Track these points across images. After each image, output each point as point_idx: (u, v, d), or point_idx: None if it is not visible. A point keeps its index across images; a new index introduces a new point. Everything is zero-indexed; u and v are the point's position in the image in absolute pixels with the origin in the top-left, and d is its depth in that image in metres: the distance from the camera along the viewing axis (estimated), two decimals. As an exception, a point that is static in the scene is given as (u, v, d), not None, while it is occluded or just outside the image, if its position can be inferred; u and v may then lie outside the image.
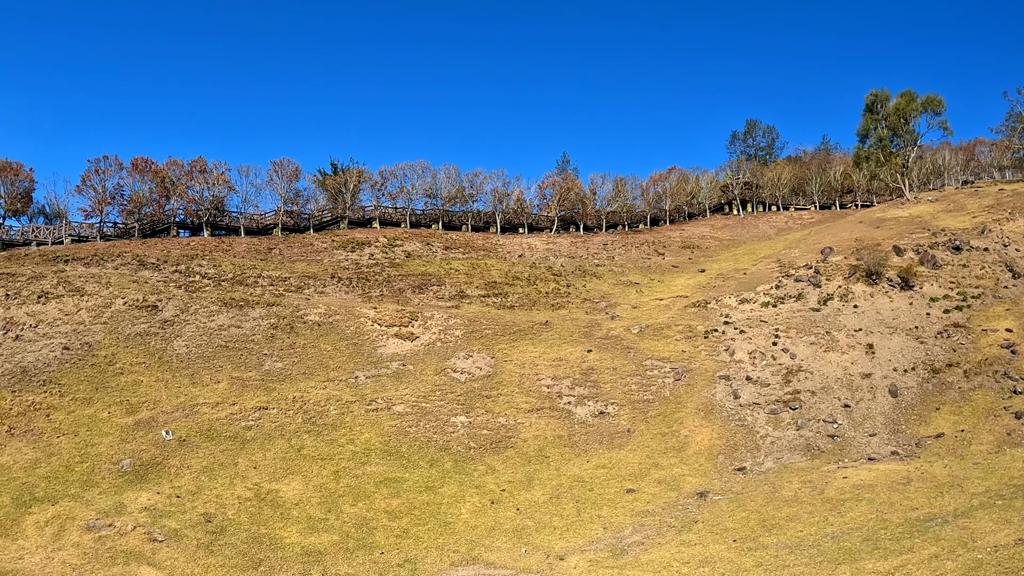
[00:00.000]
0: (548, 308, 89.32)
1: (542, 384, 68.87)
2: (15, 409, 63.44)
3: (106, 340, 75.23)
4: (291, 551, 44.27)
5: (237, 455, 56.66)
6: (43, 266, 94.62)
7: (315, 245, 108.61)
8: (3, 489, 51.25)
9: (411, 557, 43.42)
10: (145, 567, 41.43)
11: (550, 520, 48.69)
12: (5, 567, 41.20)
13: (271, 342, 75.62)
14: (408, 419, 62.50)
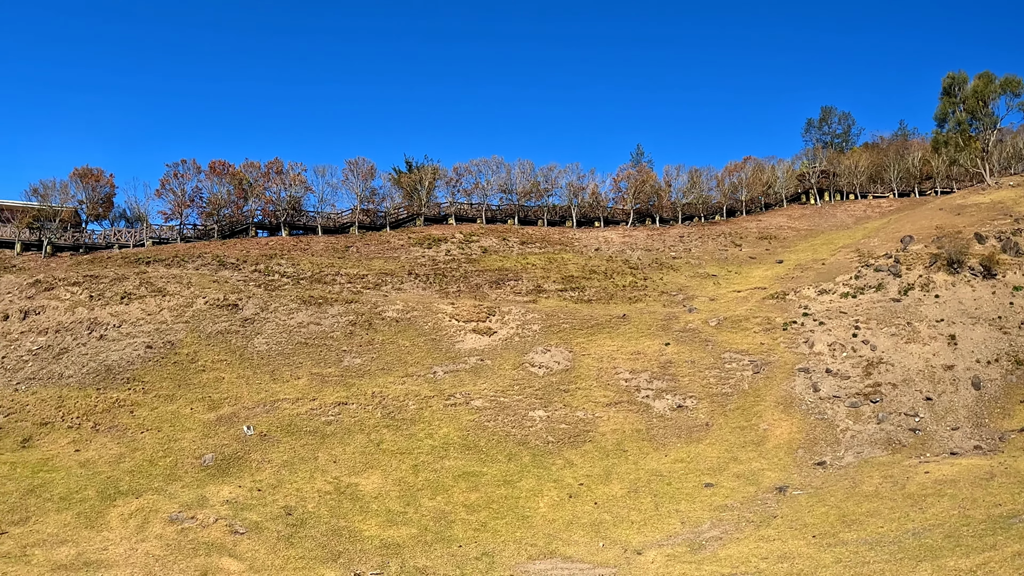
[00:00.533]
0: (625, 301, 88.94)
1: (620, 378, 68.58)
2: (100, 406, 65.18)
3: (188, 338, 76.73)
4: (370, 544, 44.65)
5: (317, 449, 57.46)
6: (125, 268, 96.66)
7: (392, 242, 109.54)
8: (89, 483, 52.55)
9: (489, 550, 43.46)
10: (226, 558, 42.07)
11: (628, 514, 48.40)
12: (91, 557, 42.05)
13: (350, 339, 76.47)
14: (486, 413, 62.79)
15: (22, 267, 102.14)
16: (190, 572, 40.29)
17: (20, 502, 49.50)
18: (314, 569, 41.24)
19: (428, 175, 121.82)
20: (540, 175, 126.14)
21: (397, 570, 41.17)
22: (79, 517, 47.45)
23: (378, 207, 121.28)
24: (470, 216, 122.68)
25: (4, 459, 57.27)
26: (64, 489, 51.49)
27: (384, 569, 41.35)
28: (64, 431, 61.67)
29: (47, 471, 54.86)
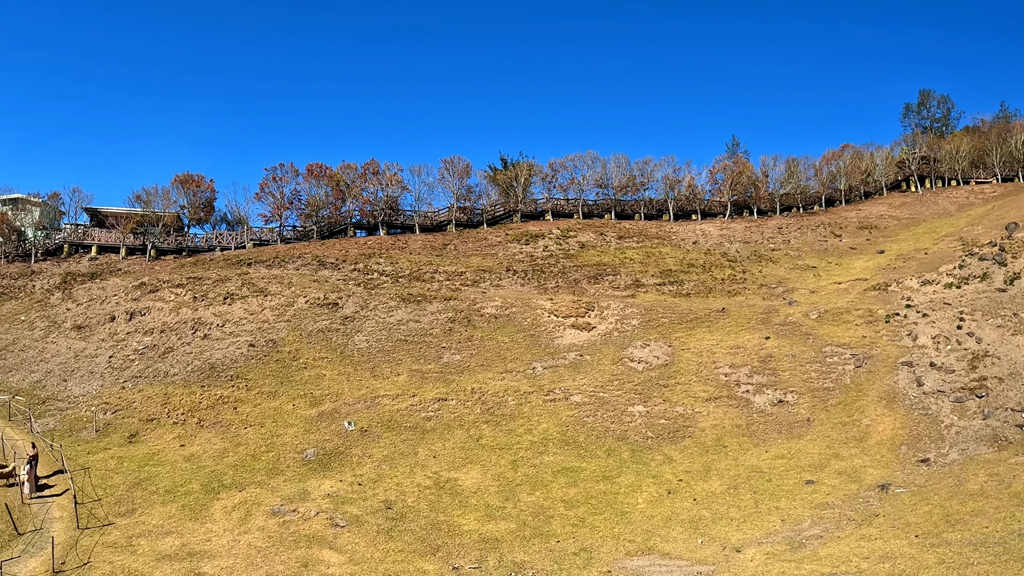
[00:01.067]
0: (724, 295, 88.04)
1: (720, 372, 67.85)
2: (204, 403, 66.98)
3: (289, 337, 78.16)
4: (468, 538, 44.80)
5: (417, 445, 57.98)
6: (227, 269, 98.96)
7: (489, 239, 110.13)
8: (193, 477, 53.94)
9: (587, 546, 43.25)
10: (327, 551, 42.68)
11: (727, 511, 47.68)
12: (194, 548, 43.13)
13: (449, 335, 77.13)
14: (586, 409, 62.58)
15: (127, 271, 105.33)
16: (291, 564, 41.03)
17: (127, 495, 51.13)
18: (413, 562, 41.57)
19: (524, 171, 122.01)
20: (636, 168, 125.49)
21: (495, 564, 41.28)
22: (183, 509, 48.74)
23: (474, 204, 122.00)
24: (566, 211, 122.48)
25: (112, 454, 59.14)
26: (169, 482, 52.96)
27: (482, 563, 41.48)
28: (169, 427, 63.53)
29: (153, 465, 56.49)
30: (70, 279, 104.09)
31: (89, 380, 75.85)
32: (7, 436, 61.43)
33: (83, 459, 57.92)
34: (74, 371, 78.46)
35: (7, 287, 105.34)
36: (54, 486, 52.91)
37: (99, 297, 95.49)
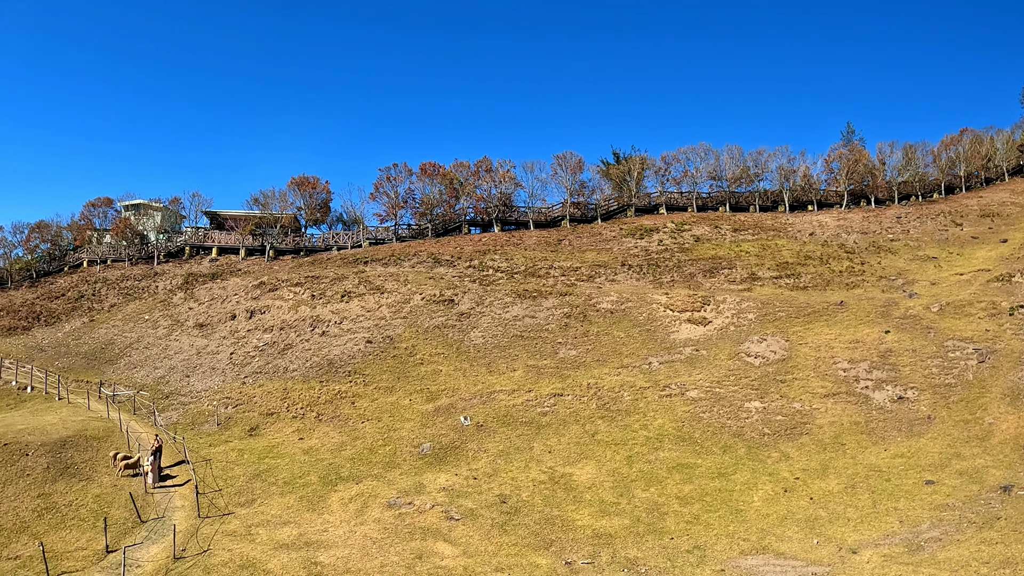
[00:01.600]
0: (842, 287, 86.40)
1: (838, 368, 66.63)
2: (323, 397, 68.55)
3: (406, 333, 79.31)
4: (582, 533, 44.79)
5: (532, 440, 58.24)
6: (344, 268, 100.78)
7: (603, 234, 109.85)
8: (311, 469, 55.25)
9: (700, 544, 42.84)
10: (441, 543, 43.26)
11: (844, 511, 46.53)
12: (311, 538, 44.22)
13: (564, 331, 77.39)
14: (701, 405, 62.05)
15: (247, 271, 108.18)
16: (405, 555, 41.70)
17: (247, 485, 52.77)
18: (526, 556, 41.78)
19: (636, 165, 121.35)
20: (749, 159, 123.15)
21: (608, 560, 41.22)
22: (301, 500, 50.02)
23: (587, 199, 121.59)
24: (680, 205, 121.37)
25: (232, 446, 61.12)
26: (288, 474, 54.39)
27: (595, 559, 41.45)
28: (289, 420, 65.15)
29: (272, 457, 58.08)
30: (192, 279, 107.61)
31: (211, 376, 78.36)
32: (132, 429, 63.73)
33: (205, 451, 60.08)
34: (196, 367, 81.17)
35: (132, 288, 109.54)
36: (176, 476, 55.02)
37: (220, 296, 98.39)
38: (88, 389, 76.55)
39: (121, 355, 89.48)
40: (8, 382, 79.63)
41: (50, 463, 53.91)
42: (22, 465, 53.33)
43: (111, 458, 55.73)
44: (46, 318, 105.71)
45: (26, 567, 42.17)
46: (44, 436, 57.93)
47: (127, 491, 51.19)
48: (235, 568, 40.26)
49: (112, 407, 69.64)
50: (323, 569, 40.15)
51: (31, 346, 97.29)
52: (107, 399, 72.74)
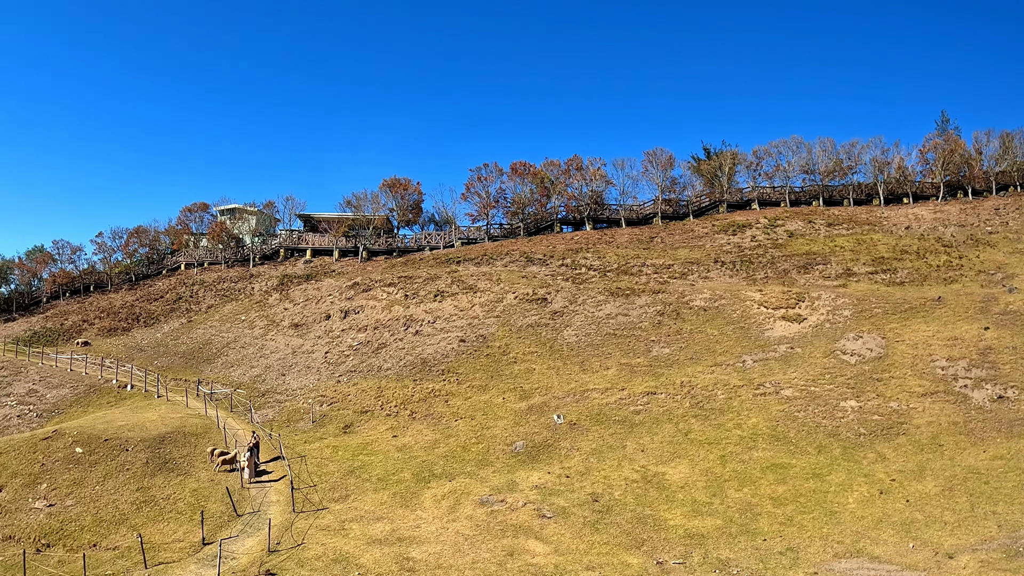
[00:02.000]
0: (940, 283, 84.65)
1: (936, 366, 65.32)
2: (417, 396, 69.58)
3: (499, 332, 79.95)
4: (674, 533, 44.70)
5: (625, 438, 58.22)
6: (437, 268, 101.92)
7: (695, 231, 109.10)
8: (405, 466, 56.08)
9: (793, 545, 42.38)
10: (532, 540, 43.57)
11: (941, 514, 45.30)
12: (404, 534, 44.97)
13: (658, 328, 77.28)
14: (796, 403, 61.24)
15: (340, 271, 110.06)
16: (496, 552, 42.16)
17: (341, 482, 53.86)
18: (617, 555, 41.86)
19: (728, 161, 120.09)
20: (842, 152, 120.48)
21: (699, 561, 41.09)
22: (395, 497, 50.84)
23: (679, 196, 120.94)
24: (772, 200, 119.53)
25: (327, 443, 62.30)
26: (381, 471, 55.31)
27: (686, 559, 41.35)
28: (382, 418, 66.32)
29: (366, 454, 59.13)
30: (286, 281, 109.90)
31: (306, 374, 79.95)
32: (229, 426, 65.50)
33: (300, 448, 61.34)
34: (292, 366, 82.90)
35: (228, 289, 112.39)
36: (272, 472, 56.39)
37: (314, 297, 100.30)
38: (186, 387, 79.14)
39: (218, 354, 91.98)
40: (109, 381, 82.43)
41: (149, 458, 55.90)
42: (122, 460, 55.27)
43: (208, 454, 57.46)
44: (145, 319, 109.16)
45: (124, 557, 43.81)
46: (144, 432, 59.92)
47: (223, 486, 52.71)
48: (328, 562, 41.22)
49: (209, 404, 71.62)
50: (415, 564, 40.80)
51: (131, 346, 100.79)
52: (205, 397, 74.90)
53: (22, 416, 75.90)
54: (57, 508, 49.83)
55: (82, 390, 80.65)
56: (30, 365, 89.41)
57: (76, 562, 43.17)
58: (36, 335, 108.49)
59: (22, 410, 77.25)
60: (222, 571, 39.94)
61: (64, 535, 47.12)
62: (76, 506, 50.17)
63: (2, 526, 48.65)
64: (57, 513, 49.25)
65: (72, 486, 52.26)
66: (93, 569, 42.04)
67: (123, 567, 42.28)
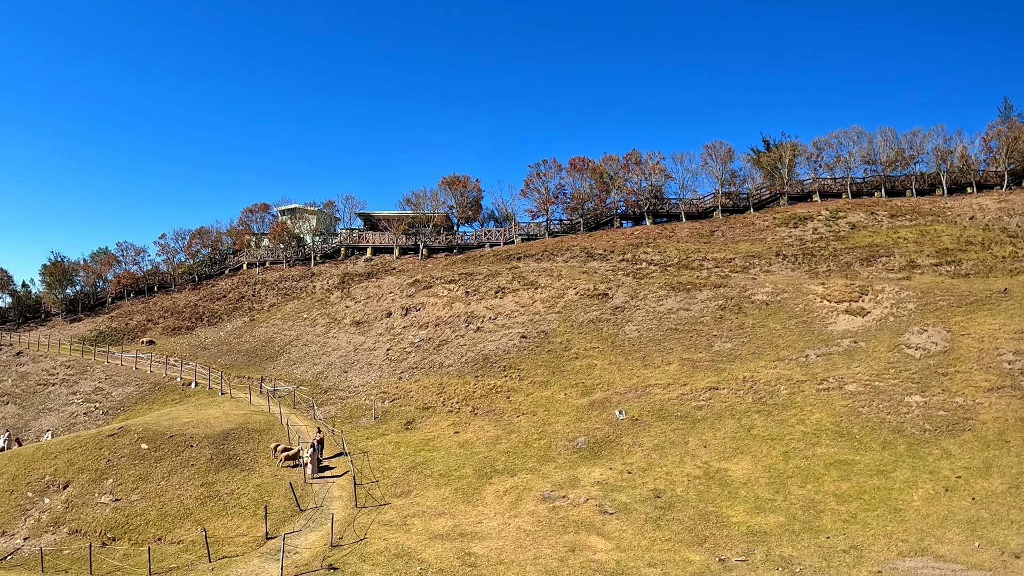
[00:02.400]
0: (1006, 274, 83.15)
1: (1003, 360, 64.07)
2: (478, 392, 70.07)
3: (560, 328, 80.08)
4: (736, 530, 44.47)
5: (687, 434, 57.98)
6: (497, 264, 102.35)
7: (756, 224, 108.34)
8: (466, 462, 56.52)
9: (857, 543, 41.90)
10: (594, 536, 43.60)
11: (1007, 512, 44.25)
12: (465, 529, 45.36)
13: (719, 323, 77.00)
14: (860, 399, 60.48)
15: (401, 269, 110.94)
16: (558, 547, 42.24)
17: (403, 477, 54.43)
18: (679, 552, 41.77)
19: (788, 152, 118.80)
20: (904, 141, 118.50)
21: (762, 558, 40.82)
22: (456, 492, 51.22)
23: (739, 189, 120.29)
24: (834, 191, 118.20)
25: (389, 439, 63.05)
26: (443, 467, 55.78)
27: (749, 556, 41.12)
28: (444, 415, 66.94)
29: (428, 450, 59.71)
30: (347, 279, 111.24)
31: (368, 371, 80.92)
32: (292, 422, 66.50)
33: (362, 443, 62.11)
34: (353, 363, 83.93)
35: (290, 288, 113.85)
36: (334, 468, 57.15)
37: (375, 295, 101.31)
38: (249, 385, 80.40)
39: (280, 352, 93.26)
40: (173, 378, 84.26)
41: (213, 454, 56.99)
42: (187, 456, 56.43)
43: (272, 450, 58.46)
44: (208, 318, 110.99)
45: (188, 551, 44.75)
46: (208, 429, 61.14)
47: (287, 481, 53.63)
48: (390, 557, 41.68)
49: (272, 401, 72.63)
50: (476, 560, 41.10)
51: (194, 344, 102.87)
52: (267, 394, 75.79)
53: (88, 414, 77.85)
54: (123, 503, 51.16)
55: (147, 388, 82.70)
56: (96, 364, 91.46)
57: (141, 555, 44.37)
58: (101, 335, 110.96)
59: (88, 408, 79.18)
60: (284, 565, 40.58)
61: (129, 529, 48.44)
62: (141, 501, 51.45)
63: (69, 520, 50.02)
64: (122, 508, 50.59)
65: (137, 481, 53.54)
66: (158, 562, 43.09)
67: (187, 560, 43.24)
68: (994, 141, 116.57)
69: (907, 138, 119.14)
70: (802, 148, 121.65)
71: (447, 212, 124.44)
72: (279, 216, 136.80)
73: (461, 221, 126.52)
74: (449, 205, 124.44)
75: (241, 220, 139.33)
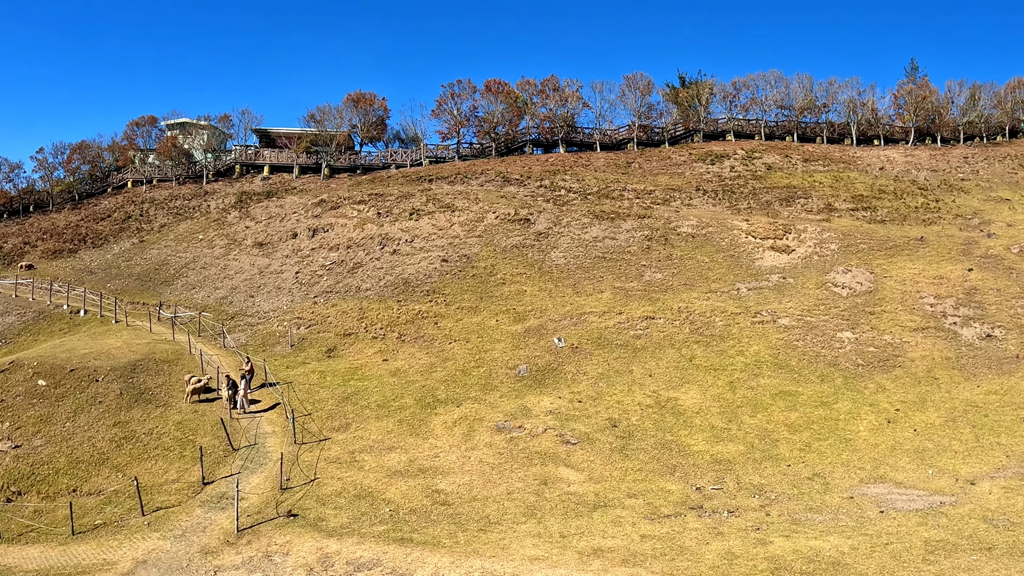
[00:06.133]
0: (919, 223, 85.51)
1: (924, 302, 66.11)
2: (403, 317, 67.46)
3: (483, 252, 78.35)
4: (700, 459, 44.40)
5: (630, 363, 57.40)
6: (408, 186, 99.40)
7: (673, 159, 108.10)
8: (404, 391, 54.14)
9: (818, 471, 42.51)
10: (563, 468, 42.55)
11: (949, 444, 46.27)
12: (424, 464, 43.27)
13: (647, 253, 76.57)
14: (794, 333, 61.24)
15: (303, 189, 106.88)
16: (529, 480, 40.93)
17: (337, 409, 51.52)
18: (654, 482, 41.31)
19: (705, 90, 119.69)
20: (819, 90, 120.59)
21: (735, 487, 40.97)
22: (401, 424, 48.83)
23: (653, 123, 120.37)
24: (747, 132, 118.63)
25: (311, 368, 59.85)
26: (379, 397, 53.17)
27: (722, 485, 41.18)
28: (368, 341, 64.07)
29: (358, 380, 56.85)
30: (245, 198, 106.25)
31: (277, 296, 77.47)
32: (202, 352, 62.29)
33: (283, 373, 58.63)
34: (260, 287, 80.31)
35: (182, 207, 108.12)
36: (260, 401, 53.57)
37: (278, 215, 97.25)
38: (148, 311, 75.39)
39: (177, 276, 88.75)
40: (59, 306, 78.28)
41: (123, 389, 52.52)
42: (93, 392, 51.89)
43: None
44: (92, 240, 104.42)
45: (112, 503, 40.44)
46: (112, 361, 56.53)
47: (210, 417, 50.12)
48: (351, 498, 39.16)
49: (176, 329, 68.61)
50: (447, 497, 39.26)
51: (79, 269, 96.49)
52: (170, 321, 71.49)
53: (-38, 349, 70.70)
54: (24, 449, 45.81)
55: (30, 317, 76.14)
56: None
57: (57, 511, 39.67)
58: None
59: (-39, 342, 72.13)
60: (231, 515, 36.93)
61: (36, 480, 43.11)
62: (46, 446, 46.18)
63: (-40, 474, 44.02)
64: (25, 455, 45.18)
65: (39, 423, 48.29)
66: (79, 518, 38.39)
67: (114, 514, 38.94)
68: (903, 99, 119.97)
69: (823, 87, 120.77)
70: (720, 87, 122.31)
71: (350, 131, 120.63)
72: (167, 131, 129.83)
73: (365, 141, 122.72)
74: (353, 124, 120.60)
75: (126, 134, 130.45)
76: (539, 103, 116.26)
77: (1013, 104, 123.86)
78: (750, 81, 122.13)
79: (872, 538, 32.33)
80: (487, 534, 34.63)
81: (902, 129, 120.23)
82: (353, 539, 34.21)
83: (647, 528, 34.85)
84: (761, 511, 37.50)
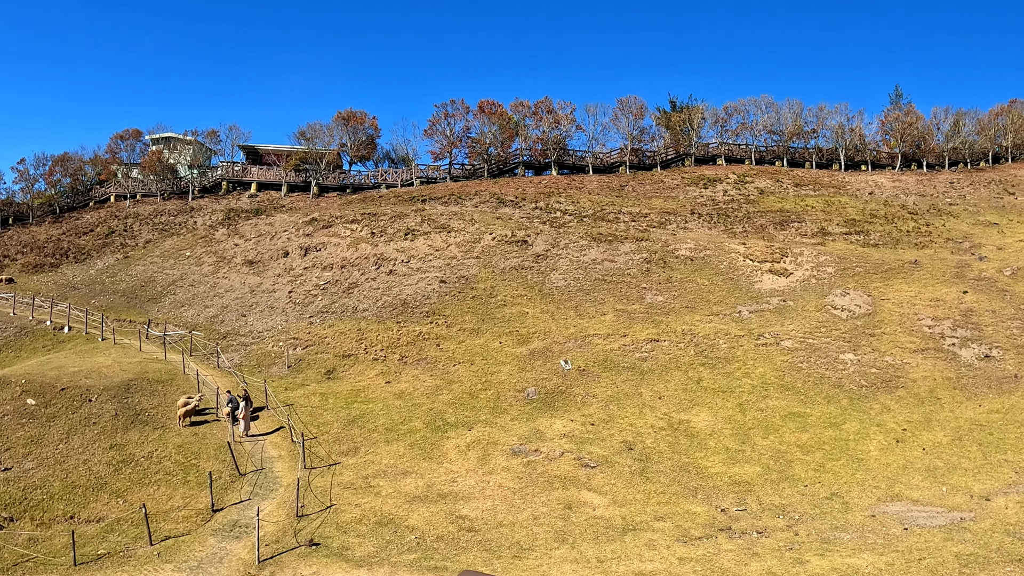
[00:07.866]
0: (912, 247, 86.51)
1: (922, 324, 66.76)
2: (404, 339, 66.79)
3: (482, 273, 78.07)
4: (720, 480, 44.41)
5: (638, 385, 57.35)
6: (401, 206, 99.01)
7: (665, 182, 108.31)
8: (412, 414, 53.50)
9: (835, 491, 42.73)
10: (585, 492, 42.22)
11: (958, 462, 46.65)
12: (443, 490, 42.60)
13: (647, 276, 76.67)
14: (798, 355, 61.43)
15: (292, 207, 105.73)
16: (553, 505, 40.50)
17: (344, 433, 50.73)
18: (679, 504, 41.17)
19: (697, 115, 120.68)
20: (810, 115, 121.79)
21: (757, 508, 41.04)
22: (412, 448, 48.15)
23: (644, 146, 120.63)
24: (737, 157, 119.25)
25: (311, 390, 58.95)
26: (386, 420, 52.44)
27: (745, 506, 41.22)
28: (369, 363, 63.38)
29: (362, 402, 56.14)
30: (233, 215, 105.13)
31: (270, 315, 76.54)
32: (194, 371, 61.03)
33: (282, 395, 57.78)
34: (252, 306, 79.39)
35: (167, 223, 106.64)
36: (257, 418, 52.86)
37: (268, 233, 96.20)
38: (136, 330, 73.71)
39: (164, 293, 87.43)
40: (42, 321, 76.11)
41: (118, 409, 51.19)
42: (86, 412, 50.42)
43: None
44: (75, 254, 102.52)
45: (115, 531, 38.60)
46: (103, 380, 55.07)
47: (211, 440, 49.01)
48: (372, 525, 38.27)
49: (168, 348, 67.11)
50: (472, 523, 38.61)
51: (62, 284, 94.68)
52: (161, 340, 69.77)
53: (-59, 364, 67.90)
54: (15, 472, 43.71)
55: (11, 332, 73.70)
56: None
57: (54, 539, 37.48)
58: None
59: (-61, 356, 69.69)
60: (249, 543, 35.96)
61: (30, 506, 40.90)
62: (38, 469, 44.21)
63: (-54, 499, 41.78)
64: (16, 479, 43.01)
65: (29, 445, 46.42)
66: (81, 547, 36.17)
67: (119, 543, 36.93)
68: (890, 125, 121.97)
69: (813, 112, 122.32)
70: (711, 112, 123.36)
71: (339, 150, 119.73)
72: (152, 145, 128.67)
73: (355, 160, 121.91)
74: (342, 142, 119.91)
75: (109, 147, 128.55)
76: (532, 125, 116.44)
77: (995, 131, 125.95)
78: (741, 106, 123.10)
79: (904, 554, 32.63)
80: (522, 560, 34.28)
81: (888, 155, 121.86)
82: (384, 568, 33.42)
83: (682, 551, 34.66)
84: (789, 531, 37.44)
